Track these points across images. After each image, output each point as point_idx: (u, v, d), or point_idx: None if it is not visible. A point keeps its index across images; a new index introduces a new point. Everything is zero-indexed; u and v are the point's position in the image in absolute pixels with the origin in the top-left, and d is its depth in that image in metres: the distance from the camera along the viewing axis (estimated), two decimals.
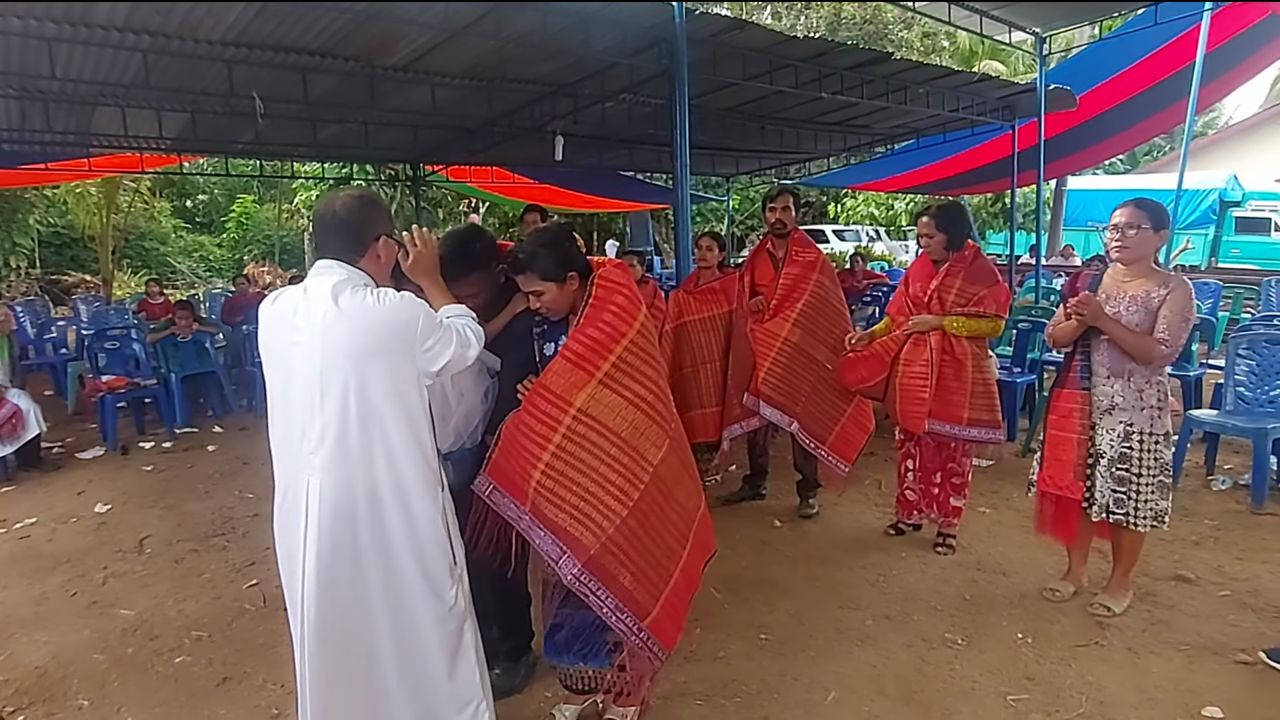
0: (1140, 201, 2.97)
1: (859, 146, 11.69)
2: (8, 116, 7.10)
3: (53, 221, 18.19)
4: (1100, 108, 9.31)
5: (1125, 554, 3.20)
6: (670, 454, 2.21)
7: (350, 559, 1.94)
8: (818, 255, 4.22)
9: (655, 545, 2.19)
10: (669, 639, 2.26)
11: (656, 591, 2.19)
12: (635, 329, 2.18)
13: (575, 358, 2.16)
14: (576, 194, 13.68)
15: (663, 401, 2.22)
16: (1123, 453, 3.03)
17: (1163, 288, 2.92)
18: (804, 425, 4.11)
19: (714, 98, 7.95)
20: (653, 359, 2.22)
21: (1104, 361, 3.05)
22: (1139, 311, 2.94)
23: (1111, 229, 2.97)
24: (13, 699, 2.87)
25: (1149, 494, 3.01)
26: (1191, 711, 2.54)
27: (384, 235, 2.04)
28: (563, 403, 2.13)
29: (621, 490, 2.11)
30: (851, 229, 21.61)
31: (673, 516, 2.24)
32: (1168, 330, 2.87)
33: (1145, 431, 3.00)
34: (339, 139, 9.12)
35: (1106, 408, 3.05)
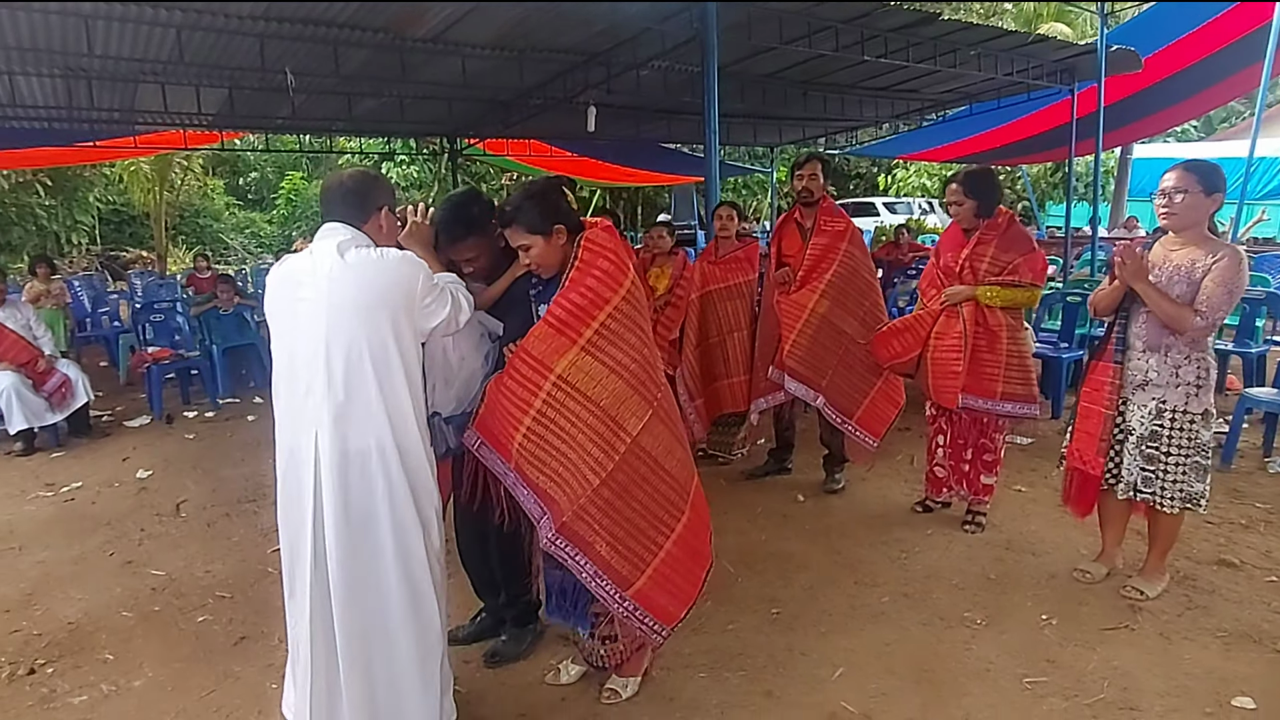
0: (1190, 164, 2.76)
1: (909, 113, 11.29)
2: (55, 95, 7.31)
3: (112, 199, 18.84)
4: (1167, 71, 8.80)
5: (1161, 536, 3.03)
6: (656, 424, 2.16)
7: (364, 510, 1.97)
8: (847, 224, 4.07)
9: (638, 516, 2.15)
10: (665, 613, 2.23)
11: (640, 562, 2.16)
12: (621, 295, 2.12)
13: (557, 323, 2.12)
14: (616, 167, 13.57)
15: (647, 370, 2.16)
16: (1153, 430, 2.86)
17: (1210, 257, 2.71)
18: (830, 399, 4.00)
19: (752, 63, 7.76)
20: (638, 327, 2.15)
21: (1140, 334, 2.88)
22: (1182, 281, 2.75)
23: (1159, 194, 2.78)
24: (44, 651, 2.98)
25: (1178, 475, 2.84)
26: (1221, 701, 2.40)
27: (386, 207, 2.14)
28: (543, 369, 2.11)
29: (596, 461, 2.09)
30: (903, 201, 21.00)
31: (662, 489, 2.19)
32: (1207, 301, 2.68)
33: (1179, 409, 2.82)
34: (375, 113, 9.19)
35: (1140, 383, 2.89)
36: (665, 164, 14.20)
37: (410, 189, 19.05)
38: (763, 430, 4.98)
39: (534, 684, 2.63)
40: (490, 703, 2.55)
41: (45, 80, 6.85)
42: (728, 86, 5.23)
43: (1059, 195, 17.40)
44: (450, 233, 2.39)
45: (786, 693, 2.52)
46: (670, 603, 2.23)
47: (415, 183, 18.90)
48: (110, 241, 19.46)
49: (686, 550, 2.26)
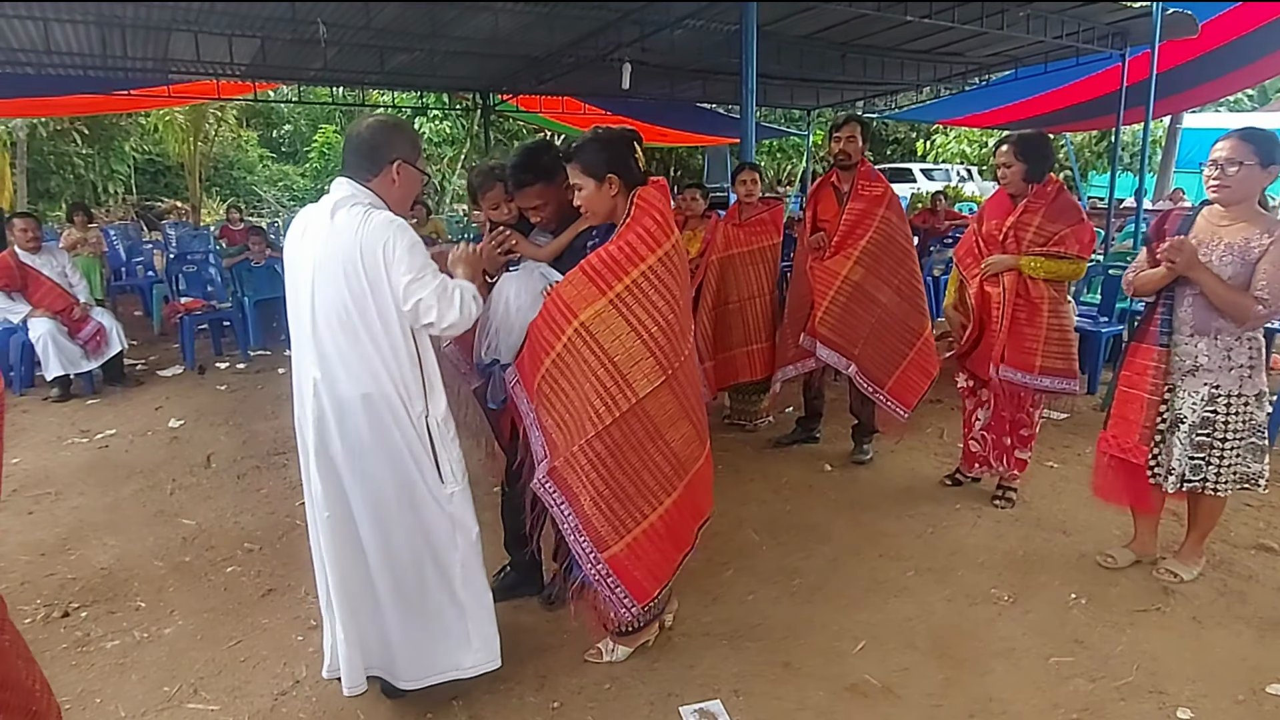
0: (1245, 132, 2.58)
1: (951, 78, 10.94)
2: (90, 43, 7.32)
3: (148, 149, 19.00)
4: (1225, 37, 8.40)
5: (1202, 518, 2.93)
6: (665, 393, 2.15)
7: (354, 454, 2.05)
8: (885, 189, 3.95)
9: (626, 480, 2.16)
10: (638, 587, 2.23)
11: (621, 528, 2.18)
12: (657, 256, 2.10)
13: (592, 272, 2.12)
14: (651, 126, 13.35)
15: (668, 337, 2.14)
16: (1206, 417, 2.72)
17: (1266, 235, 2.54)
18: (862, 368, 3.93)
19: (790, 23, 7.54)
20: (668, 292, 2.12)
21: (1188, 319, 2.73)
22: (1235, 262, 2.59)
23: (1210, 165, 2.60)
24: (79, 595, 3.06)
25: (1234, 458, 2.72)
26: (1254, 688, 2.35)
27: (401, 160, 2.08)
28: (570, 313, 2.13)
29: (596, 412, 2.11)
30: (941, 168, 20.51)
31: (657, 459, 2.19)
32: (1268, 286, 2.51)
33: (1234, 394, 2.69)
34: (407, 68, 9.10)
35: (1189, 369, 2.75)
36: (700, 124, 13.95)
37: (443, 144, 18.97)
38: (789, 398, 4.93)
39: (553, 647, 2.64)
40: (510, 664, 2.56)
41: (80, 27, 6.85)
42: (764, 46, 5.07)
43: (1103, 165, 16.86)
44: (519, 179, 2.43)
45: (805, 664, 2.51)
46: (645, 578, 2.24)
47: (448, 138, 18.81)
48: (146, 191, 19.67)
49: (670, 529, 2.26)
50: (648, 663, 2.53)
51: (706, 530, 3.32)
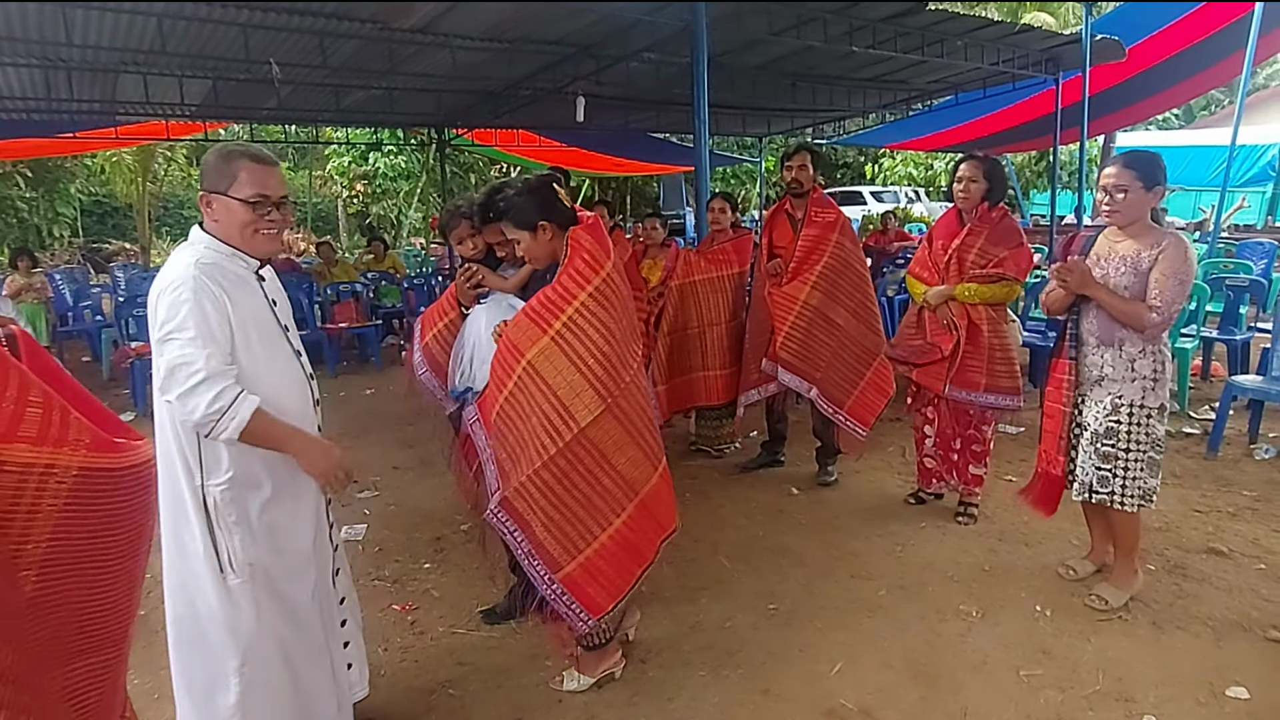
0: (1129, 158, 2.72)
1: (896, 103, 11.29)
2: (34, 86, 7.18)
3: (94, 190, 18.59)
4: (1151, 60, 8.83)
5: (1120, 537, 2.95)
6: (607, 420, 2.23)
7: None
8: (838, 215, 4.07)
9: (576, 504, 2.24)
10: (593, 603, 2.30)
11: (573, 549, 2.26)
12: (588, 293, 2.20)
13: (534, 313, 2.23)
14: (606, 157, 13.50)
15: (605, 368, 2.21)
16: (1109, 427, 2.81)
17: (1154, 247, 2.68)
18: (823, 390, 4.01)
19: (741, 54, 7.73)
20: (603, 326, 2.21)
21: (1092, 330, 2.85)
22: (1128, 273, 2.72)
23: (1100, 190, 2.74)
24: None
25: (1137, 471, 2.79)
26: (1215, 690, 2.43)
27: (205, 192, 1.88)
28: (518, 353, 2.23)
29: (541, 444, 2.20)
30: (890, 190, 21.05)
31: (606, 482, 2.27)
32: (1160, 294, 2.64)
33: (1136, 404, 2.78)
34: (363, 105, 9.09)
35: (1095, 379, 2.86)
36: (654, 154, 14.14)
37: (399, 179, 18.88)
38: (753, 423, 4.99)
39: (529, 686, 2.62)
40: (486, 704, 2.54)
41: (23, 70, 6.72)
42: (717, 77, 5.20)
43: (1043, 184, 17.47)
44: (483, 216, 2.50)
45: (785, 689, 2.53)
46: (599, 594, 2.31)
47: (404, 173, 18.73)
48: (92, 234, 19.20)
49: (623, 546, 2.33)
50: (626, 697, 2.53)
51: (681, 557, 3.38)
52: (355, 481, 1.56)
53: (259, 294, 1.95)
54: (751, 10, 5.98)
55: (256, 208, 1.85)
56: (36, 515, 1.14)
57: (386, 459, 5.18)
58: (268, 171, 1.88)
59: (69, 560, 1.19)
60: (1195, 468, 4.35)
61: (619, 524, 2.30)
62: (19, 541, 1.12)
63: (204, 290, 1.77)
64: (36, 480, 1.13)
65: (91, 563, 1.24)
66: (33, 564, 1.14)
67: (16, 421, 1.12)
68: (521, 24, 6.27)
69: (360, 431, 5.85)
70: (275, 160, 1.94)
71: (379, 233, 15.58)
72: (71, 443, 1.18)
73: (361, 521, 4.09)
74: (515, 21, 6.19)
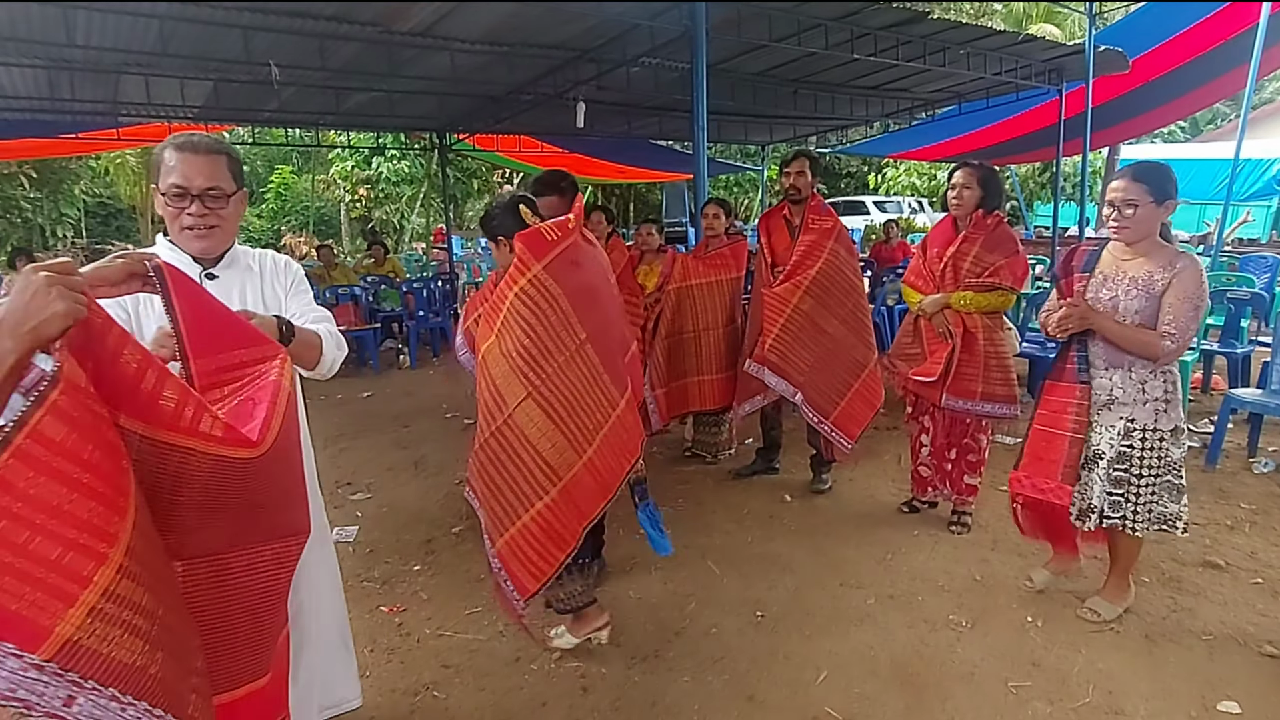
0: (1139, 171, 2.59)
1: (898, 112, 11.26)
2: (36, 86, 7.19)
3: (98, 192, 18.68)
4: (1155, 72, 8.81)
5: (1122, 556, 2.89)
6: (531, 407, 2.39)
7: None
8: (835, 223, 4.04)
9: (504, 483, 2.43)
10: (519, 583, 2.45)
11: (502, 526, 2.45)
12: (514, 294, 2.39)
13: (487, 312, 2.50)
14: (607, 163, 13.50)
15: (526, 360, 2.38)
16: (1122, 451, 2.70)
17: (1167, 269, 2.55)
18: (808, 397, 3.96)
19: (742, 61, 7.71)
20: (524, 322, 2.38)
21: (1100, 352, 2.73)
22: (1140, 296, 2.60)
23: (1108, 205, 2.62)
24: None
25: (1149, 496, 2.69)
26: (1207, 705, 2.39)
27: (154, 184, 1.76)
28: (476, 350, 2.54)
29: (482, 428, 2.47)
30: (893, 200, 21.04)
31: (530, 466, 2.41)
32: (1174, 321, 2.52)
33: (1149, 428, 2.68)
34: (364, 108, 9.09)
35: (1105, 402, 2.74)
36: (657, 161, 14.15)
37: (401, 184, 18.93)
38: (750, 430, 4.96)
39: (513, 689, 2.60)
40: (469, 707, 2.52)
41: (26, 71, 6.73)
42: (718, 84, 5.19)
43: (1046, 195, 17.46)
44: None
45: (769, 697, 2.50)
46: (523, 574, 2.45)
47: (406, 178, 18.78)
48: (96, 235, 19.28)
49: (545, 530, 2.44)
50: (610, 702, 2.50)
51: (669, 562, 3.36)
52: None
53: None
54: (751, 16, 5.97)
55: (175, 200, 1.69)
56: (181, 482, 1.23)
57: (380, 460, 5.16)
58: (191, 160, 1.69)
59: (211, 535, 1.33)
60: (1193, 480, 4.27)
61: (541, 506, 2.43)
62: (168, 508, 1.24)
63: None
64: (180, 456, 1.22)
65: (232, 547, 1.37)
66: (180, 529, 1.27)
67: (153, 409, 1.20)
68: (520, 28, 6.26)
69: (355, 433, 5.84)
70: (213, 149, 1.73)
71: (380, 237, 15.60)
72: (203, 436, 1.23)
73: (353, 523, 4.07)
74: (514, 25, 6.19)
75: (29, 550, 0.97)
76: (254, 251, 1.94)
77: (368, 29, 6.02)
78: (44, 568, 0.98)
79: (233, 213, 1.78)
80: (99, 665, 1.00)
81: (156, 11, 5.38)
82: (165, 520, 1.24)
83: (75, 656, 0.98)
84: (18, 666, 0.94)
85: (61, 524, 1.00)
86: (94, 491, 1.04)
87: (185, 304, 1.39)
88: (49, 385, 1.03)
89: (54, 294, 1.08)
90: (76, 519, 1.01)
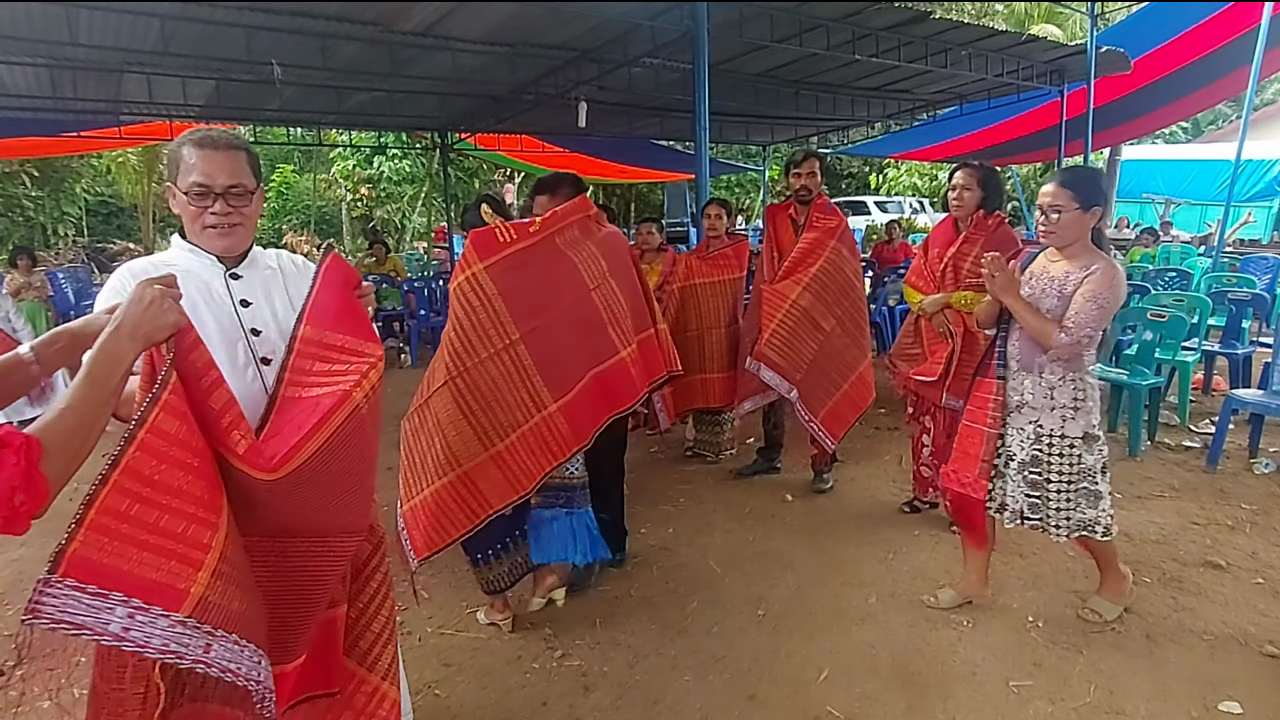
0: (1065, 176, 2.62)
1: (900, 113, 11.29)
2: (38, 85, 7.21)
3: (100, 191, 18.69)
4: (1157, 73, 8.83)
5: (1097, 556, 2.87)
6: (445, 395, 2.57)
7: None
8: (839, 223, 4.03)
9: (416, 457, 2.66)
10: (415, 542, 2.61)
11: (409, 494, 2.66)
12: (453, 288, 2.57)
13: None
14: (609, 163, 13.53)
15: (450, 352, 2.55)
16: (1034, 455, 2.71)
17: (1083, 270, 2.57)
18: (802, 395, 3.96)
19: (744, 61, 7.73)
20: (456, 317, 2.55)
21: (1015, 354, 2.75)
22: (1053, 295, 2.62)
23: (1038, 210, 2.64)
24: (14, 653, 2.92)
25: (1063, 502, 2.68)
26: (1208, 705, 2.39)
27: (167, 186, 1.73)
28: None
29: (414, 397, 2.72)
30: (894, 200, 21.06)
31: (438, 446, 2.58)
32: (1074, 316, 2.54)
33: (1055, 433, 2.67)
34: (365, 107, 9.12)
35: (1016, 404, 2.75)
36: (658, 161, 14.17)
37: (403, 183, 18.94)
38: (751, 429, 4.96)
39: (514, 687, 2.60)
40: (471, 705, 2.52)
41: (28, 69, 6.75)
42: (719, 84, 5.20)
43: None
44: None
45: (771, 696, 2.50)
46: (418, 538, 2.61)
47: (408, 177, 18.79)
48: (98, 233, 19.29)
49: (440, 506, 2.58)
50: (611, 700, 2.50)
51: (671, 561, 3.38)
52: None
53: (223, 295, 1.71)
54: (753, 16, 5.98)
55: (198, 198, 1.65)
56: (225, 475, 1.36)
57: (381, 460, 5.11)
58: (212, 157, 1.65)
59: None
60: (1194, 481, 4.31)
61: (439, 485, 2.58)
62: None
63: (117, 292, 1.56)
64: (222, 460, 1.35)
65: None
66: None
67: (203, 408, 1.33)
68: (521, 28, 6.28)
69: None
70: (234, 145, 1.70)
71: (381, 236, 15.61)
72: (228, 448, 1.34)
73: None
74: (515, 25, 6.21)
75: (160, 527, 1.18)
76: (269, 251, 1.91)
77: (369, 28, 6.03)
78: (173, 540, 1.18)
79: (254, 210, 1.74)
80: (224, 616, 1.22)
81: (158, 11, 5.40)
82: None
83: (207, 610, 1.19)
84: (167, 625, 1.16)
85: (182, 502, 1.20)
86: (201, 472, 1.24)
87: (329, 277, 1.66)
88: (160, 387, 1.23)
89: (166, 305, 1.27)
90: (192, 496, 1.21)
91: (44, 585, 1.12)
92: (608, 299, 2.79)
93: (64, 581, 1.12)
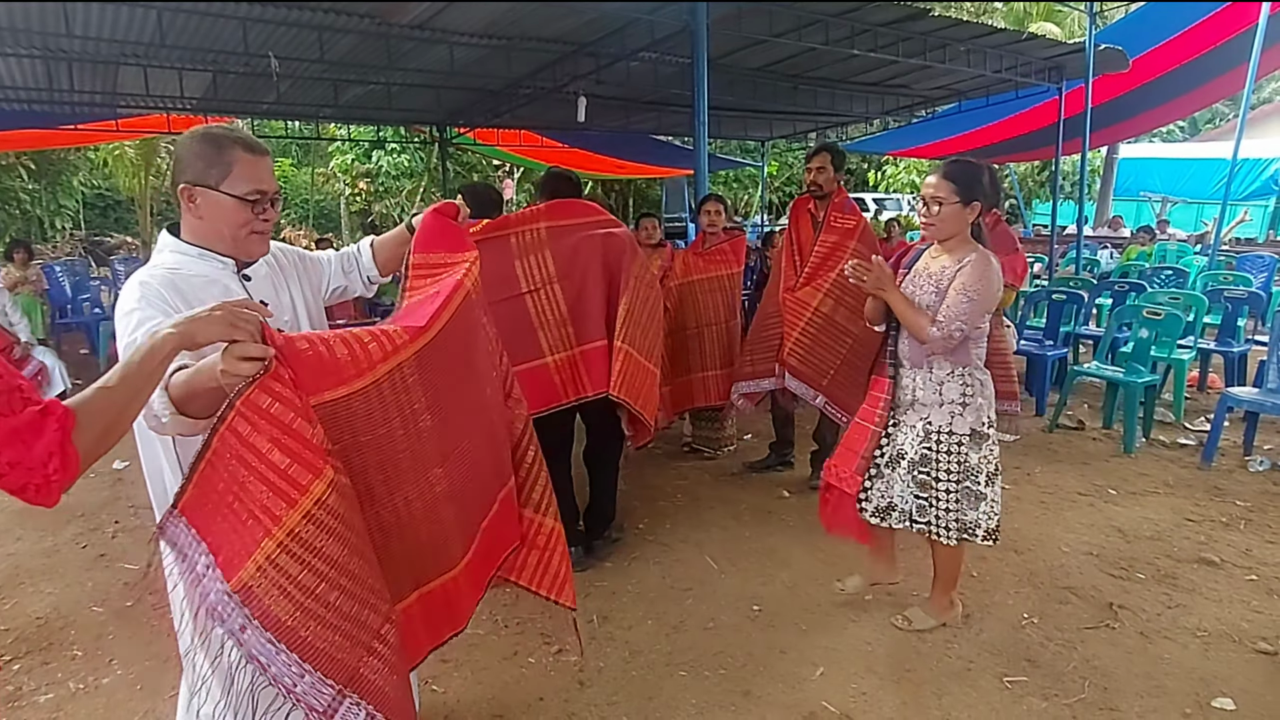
0: (948, 169, 2.57)
1: (898, 109, 11.27)
2: (35, 77, 7.18)
3: (97, 184, 18.63)
4: (1155, 72, 8.83)
5: (940, 568, 2.81)
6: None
7: None
8: (858, 222, 3.91)
9: None
10: None
11: None
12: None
13: None
14: (607, 158, 13.49)
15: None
16: (923, 454, 2.66)
17: (957, 264, 2.55)
18: (833, 397, 3.87)
19: (742, 56, 7.71)
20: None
21: (905, 351, 2.71)
22: (931, 291, 2.59)
23: (920, 202, 2.63)
24: (11, 647, 2.92)
25: (950, 503, 2.63)
26: (1201, 701, 2.40)
27: (186, 184, 1.60)
28: None
29: None
30: (892, 197, 21.05)
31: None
32: (945, 310, 2.51)
33: (944, 430, 2.62)
34: (362, 100, 9.09)
35: (908, 402, 2.72)
36: (656, 156, 14.12)
37: (401, 178, 18.88)
38: (751, 426, 4.96)
39: (510, 683, 2.60)
40: (467, 701, 2.52)
41: (24, 61, 6.73)
42: (717, 79, 5.20)
43: (1045, 194, 17.47)
44: None
45: (766, 692, 2.50)
46: None
47: (406, 171, 18.73)
48: (95, 226, 19.24)
49: None
50: (606, 696, 2.50)
51: (667, 557, 3.38)
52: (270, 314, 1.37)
53: (242, 296, 1.67)
54: (752, 11, 5.97)
55: (254, 206, 1.63)
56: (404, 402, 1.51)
57: None
58: (262, 163, 1.65)
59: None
60: (1189, 477, 4.33)
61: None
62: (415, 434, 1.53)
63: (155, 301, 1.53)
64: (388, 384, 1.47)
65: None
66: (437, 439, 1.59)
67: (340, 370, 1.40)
68: (519, 21, 6.26)
69: None
70: (266, 150, 1.70)
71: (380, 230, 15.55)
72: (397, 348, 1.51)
73: None
74: (512, 19, 6.19)
75: (247, 489, 1.24)
76: None
77: (365, 21, 6.01)
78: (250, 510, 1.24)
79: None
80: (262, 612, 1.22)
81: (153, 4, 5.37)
82: (418, 443, 1.53)
83: (249, 596, 1.22)
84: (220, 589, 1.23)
85: (267, 469, 1.24)
86: (290, 450, 1.25)
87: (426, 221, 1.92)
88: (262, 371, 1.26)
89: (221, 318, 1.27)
90: (275, 467, 1.24)
91: (169, 514, 1.28)
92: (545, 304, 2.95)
93: (180, 517, 1.27)
